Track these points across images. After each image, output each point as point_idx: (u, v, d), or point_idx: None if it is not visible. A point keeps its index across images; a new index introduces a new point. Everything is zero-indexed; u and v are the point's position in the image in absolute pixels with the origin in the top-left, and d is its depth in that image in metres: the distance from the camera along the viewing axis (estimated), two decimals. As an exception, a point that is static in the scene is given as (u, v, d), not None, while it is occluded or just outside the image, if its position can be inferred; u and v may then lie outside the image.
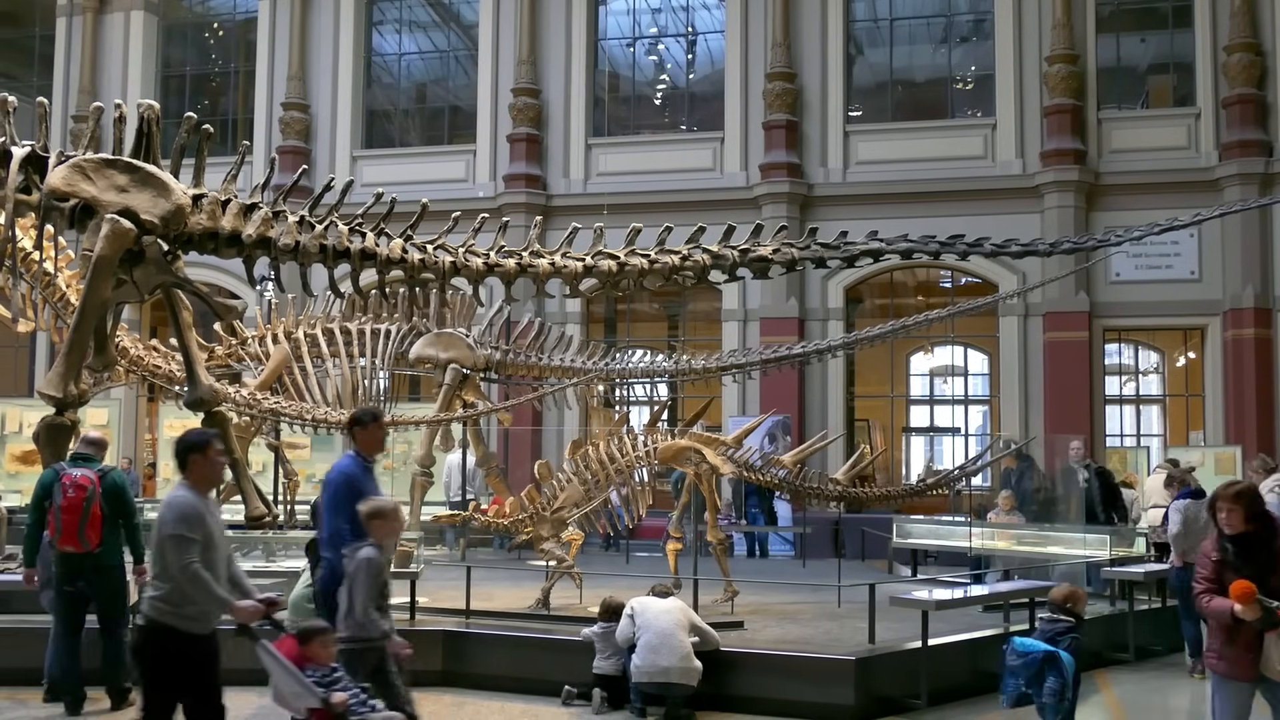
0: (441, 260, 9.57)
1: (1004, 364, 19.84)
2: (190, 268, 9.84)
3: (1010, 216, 18.63)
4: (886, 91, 21.65)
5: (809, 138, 20.66)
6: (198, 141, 9.37)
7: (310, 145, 22.38)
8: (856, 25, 21.48)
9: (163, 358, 13.24)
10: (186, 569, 5.42)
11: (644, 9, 22.70)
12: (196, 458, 5.67)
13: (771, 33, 20.72)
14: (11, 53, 25.72)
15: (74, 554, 7.94)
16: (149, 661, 5.54)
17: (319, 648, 5.80)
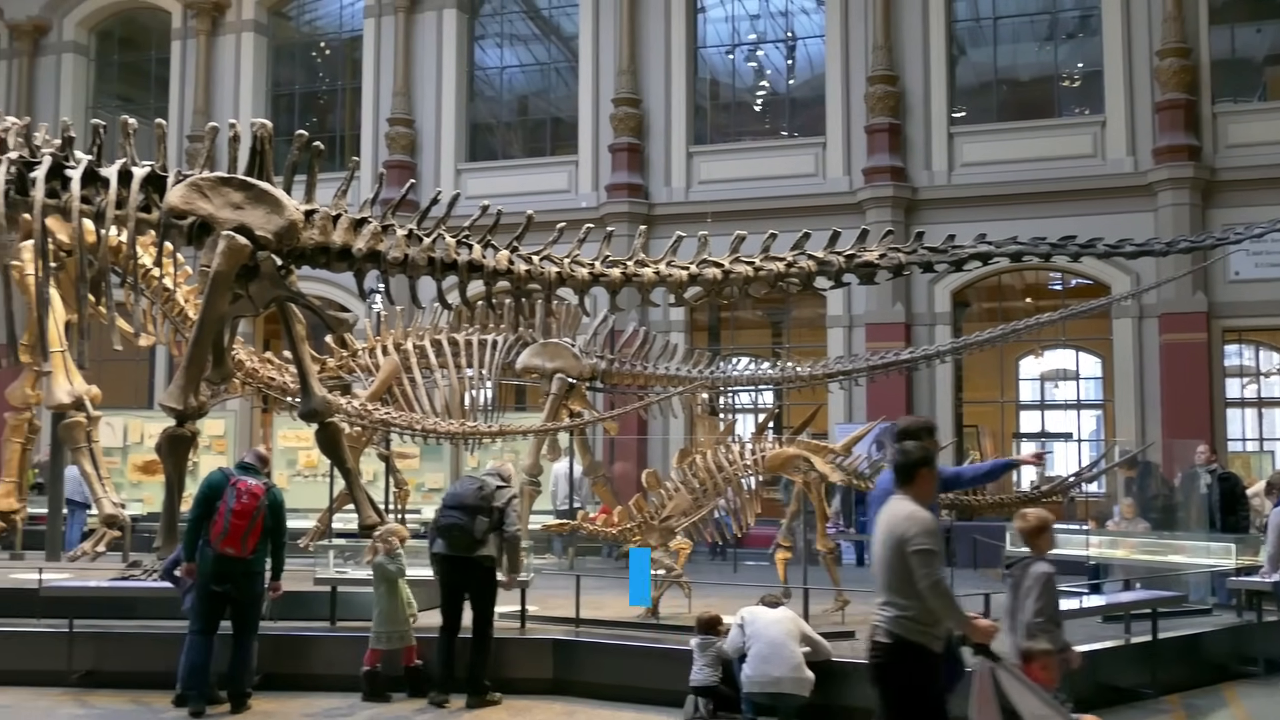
0: (547, 271, 9.63)
1: (1118, 367, 19.38)
2: (301, 281, 10.02)
3: (1122, 216, 18.19)
4: (991, 91, 21.31)
5: (912, 140, 20.42)
6: (309, 158, 9.56)
7: (415, 159, 22.70)
8: (959, 25, 21.18)
9: (276, 370, 13.52)
10: (936, 584, 5.33)
11: (742, 16, 22.65)
12: (924, 472, 5.70)
13: (872, 35, 20.53)
14: (130, 76, 26.51)
15: (232, 557, 8.18)
16: (901, 681, 5.47)
17: (1039, 670, 5.73)
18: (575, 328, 14.43)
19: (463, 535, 8.66)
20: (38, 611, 9.48)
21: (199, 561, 8.27)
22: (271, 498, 8.38)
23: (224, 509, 8.21)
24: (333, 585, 9.73)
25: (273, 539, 8.42)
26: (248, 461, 8.65)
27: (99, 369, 12.19)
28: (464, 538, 8.66)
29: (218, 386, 11.39)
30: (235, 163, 9.58)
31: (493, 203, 9.72)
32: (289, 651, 9.27)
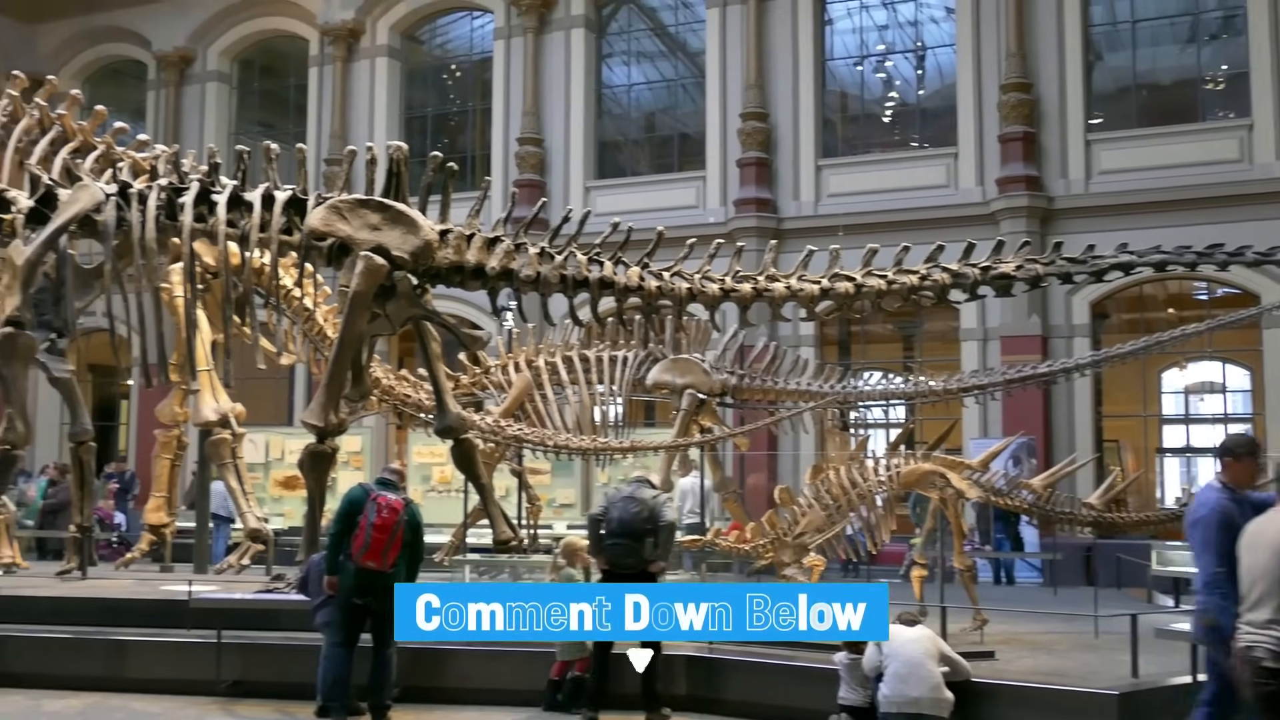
0: (678, 287, 9.64)
1: (1269, 379, 18.66)
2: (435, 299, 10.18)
3: (1273, 222, 17.51)
4: (1130, 96, 20.76)
5: (1048, 149, 19.99)
6: (443, 179, 9.72)
7: (545, 178, 22.96)
8: (1095, 29, 20.68)
9: (412, 387, 13.76)
10: None
11: (870, 27, 22.45)
12: None
13: (1005, 43, 20.16)
14: (269, 103, 27.36)
15: (374, 570, 8.31)
16: None
17: None
18: (705, 343, 14.41)
19: (636, 560, 8.71)
20: (187, 622, 9.80)
21: (340, 575, 8.44)
22: (410, 513, 8.52)
23: (365, 523, 8.37)
24: (468, 600, 9.83)
25: (411, 553, 8.55)
26: (386, 477, 8.81)
27: (242, 387, 12.56)
28: (635, 561, 8.71)
29: (356, 404, 11.63)
30: (372, 185, 9.78)
31: (621, 219, 9.77)
32: (427, 664, 9.40)
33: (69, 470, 13.77)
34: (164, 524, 14.02)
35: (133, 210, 9.93)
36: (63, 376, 12.48)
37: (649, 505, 8.79)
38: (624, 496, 8.89)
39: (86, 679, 9.67)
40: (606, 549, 8.82)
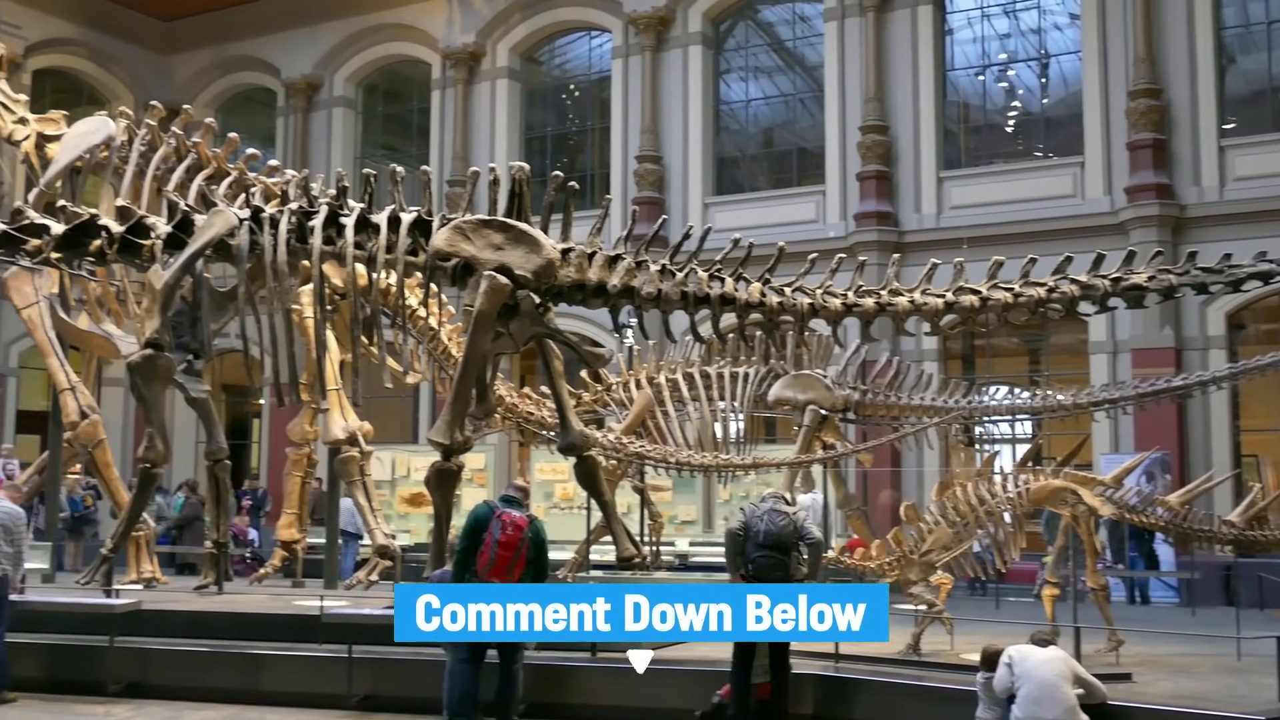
0: (800, 302, 9.59)
1: None
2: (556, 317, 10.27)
3: None
4: (1265, 100, 20.07)
5: (1179, 155, 19.42)
6: (564, 198, 9.81)
7: (664, 195, 23.02)
8: (1227, 32, 20.06)
9: (534, 404, 13.91)
10: None
11: (992, 36, 22.09)
12: None
13: (1133, 48, 19.67)
14: (393, 126, 27.92)
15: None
16: None
17: None
18: (827, 359, 14.31)
19: (783, 575, 8.64)
20: (319, 637, 10.01)
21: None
22: (534, 529, 8.57)
23: (490, 540, 8.44)
24: (593, 616, 9.87)
25: (535, 570, 8.60)
26: (511, 494, 8.89)
27: (370, 406, 12.81)
28: (783, 576, 8.64)
29: (481, 422, 11.78)
30: (495, 205, 9.91)
31: (740, 235, 9.76)
32: (552, 681, 9.47)
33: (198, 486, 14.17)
34: (295, 540, 14.35)
35: (265, 234, 10.20)
36: (199, 396, 12.86)
37: (793, 519, 8.74)
38: (768, 510, 8.82)
39: (223, 691, 9.93)
40: (754, 561, 8.75)
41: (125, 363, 12.11)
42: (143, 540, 13.55)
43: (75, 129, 13.88)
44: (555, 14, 24.93)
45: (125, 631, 10.40)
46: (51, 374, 13.77)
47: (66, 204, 11.11)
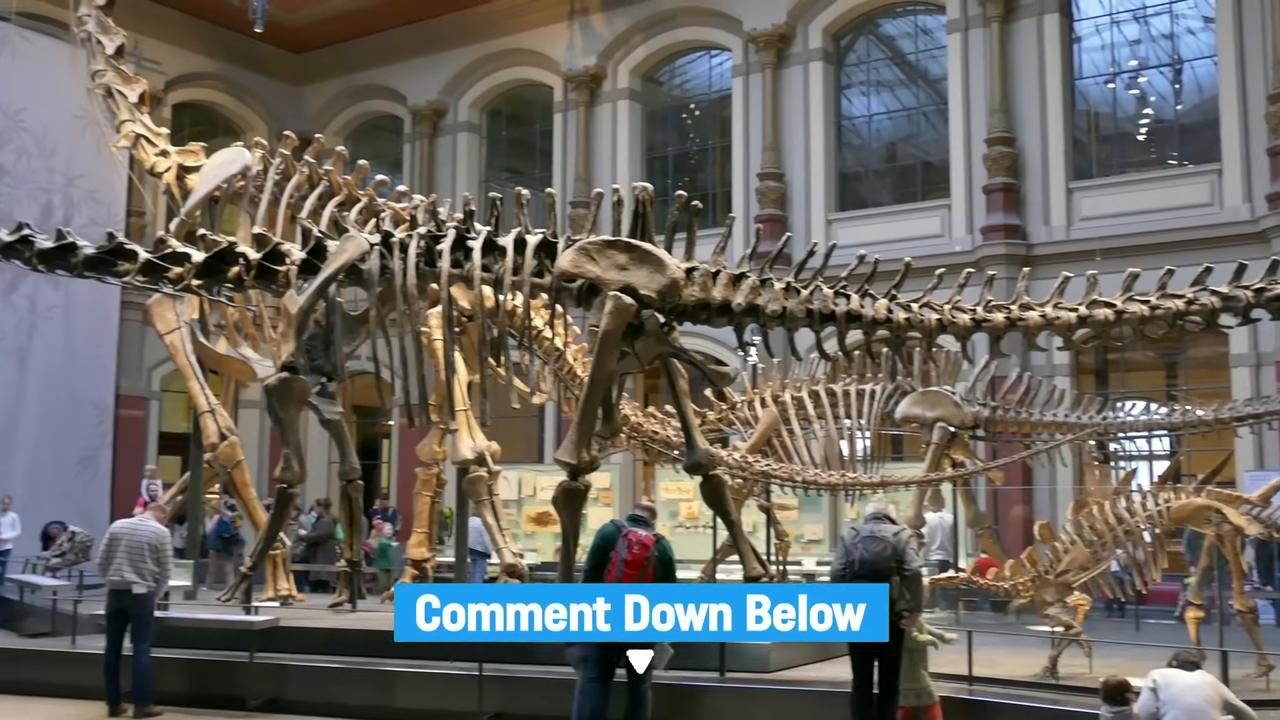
0: (927, 318, 9.46)
1: None
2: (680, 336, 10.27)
3: None
4: None
5: (1325, 161, 18.71)
6: (687, 217, 9.83)
7: (786, 212, 22.91)
8: (1374, 32, 19.29)
9: (659, 423, 13.94)
10: None
11: (1122, 42, 21.56)
12: None
13: (1271, 50, 19.01)
14: (516, 150, 28.30)
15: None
16: None
17: None
18: (955, 375, 14.10)
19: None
20: (451, 654, 10.12)
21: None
22: (661, 549, 8.55)
23: (616, 559, 8.43)
24: (721, 636, 9.83)
25: None
26: (638, 514, 8.89)
27: (497, 426, 12.94)
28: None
29: (607, 441, 11.82)
30: (619, 226, 9.97)
31: (864, 251, 9.68)
32: (681, 701, 9.44)
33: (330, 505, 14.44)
34: (425, 559, 14.56)
35: (395, 258, 10.42)
36: (333, 418, 13.16)
37: (891, 543, 8.53)
38: (864, 536, 8.63)
39: (358, 707, 10.12)
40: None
41: (262, 385, 12.44)
42: (279, 559, 13.89)
43: (213, 160, 14.37)
44: (675, 34, 25.04)
45: (264, 647, 10.67)
46: (192, 397, 14.25)
47: (206, 232, 11.50)
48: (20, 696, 10.72)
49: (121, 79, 15.34)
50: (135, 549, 10.33)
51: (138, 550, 10.32)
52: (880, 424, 14.12)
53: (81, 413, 23.66)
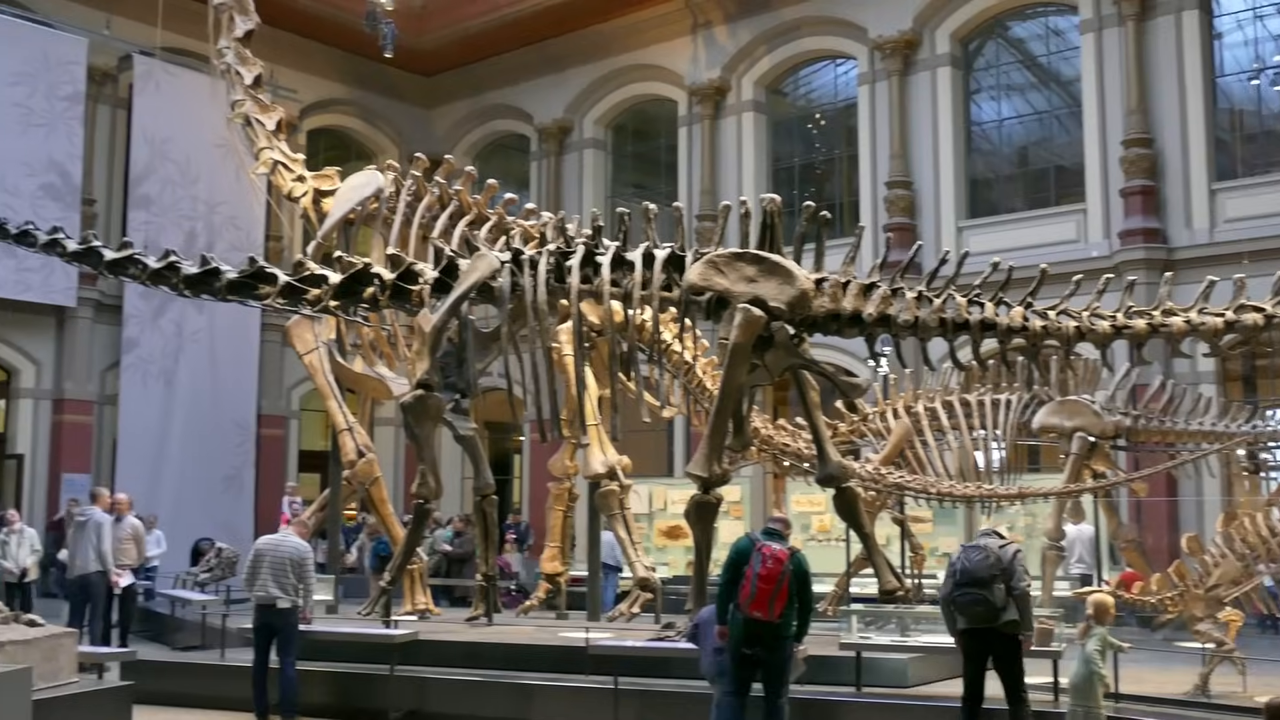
0: (1065, 326, 9.25)
1: None
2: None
3: None
4: None
5: None
6: (816, 228, 9.77)
7: (915, 220, 22.59)
8: None
9: (790, 436, 13.86)
10: None
11: (1265, 37, 20.82)
12: None
13: None
14: (642, 165, 28.44)
15: (760, 620, 8.26)
16: None
17: None
18: (1094, 384, 13.74)
19: (985, 609, 8.34)
20: (586, 668, 10.18)
21: (730, 624, 8.50)
22: (796, 563, 8.46)
23: (750, 573, 8.36)
24: (857, 651, 9.72)
25: (799, 603, 8.50)
26: (772, 527, 8.82)
27: (627, 440, 12.99)
28: (986, 611, 8.34)
29: (738, 454, 11.79)
30: (747, 238, 9.94)
31: (998, 258, 9.49)
32: (817, 716, 9.34)
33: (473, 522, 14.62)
34: (558, 573, 14.68)
35: (525, 275, 10.55)
36: (467, 434, 13.34)
37: (995, 553, 8.36)
38: (968, 547, 8.56)
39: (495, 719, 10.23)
40: (954, 601, 8.43)
41: (398, 403, 12.69)
42: (416, 573, 14.11)
43: (347, 183, 14.72)
44: (799, 44, 24.91)
45: (404, 661, 10.85)
46: (330, 415, 14.57)
47: (342, 254, 11.78)
48: (173, 707, 11.04)
49: (259, 108, 15.81)
50: (278, 565, 10.58)
51: (281, 566, 10.58)
52: (1016, 434, 13.82)
53: (225, 432, 24.43)
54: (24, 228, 13.36)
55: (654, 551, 18.71)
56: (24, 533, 15.37)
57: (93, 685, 8.70)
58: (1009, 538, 8.69)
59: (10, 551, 15.08)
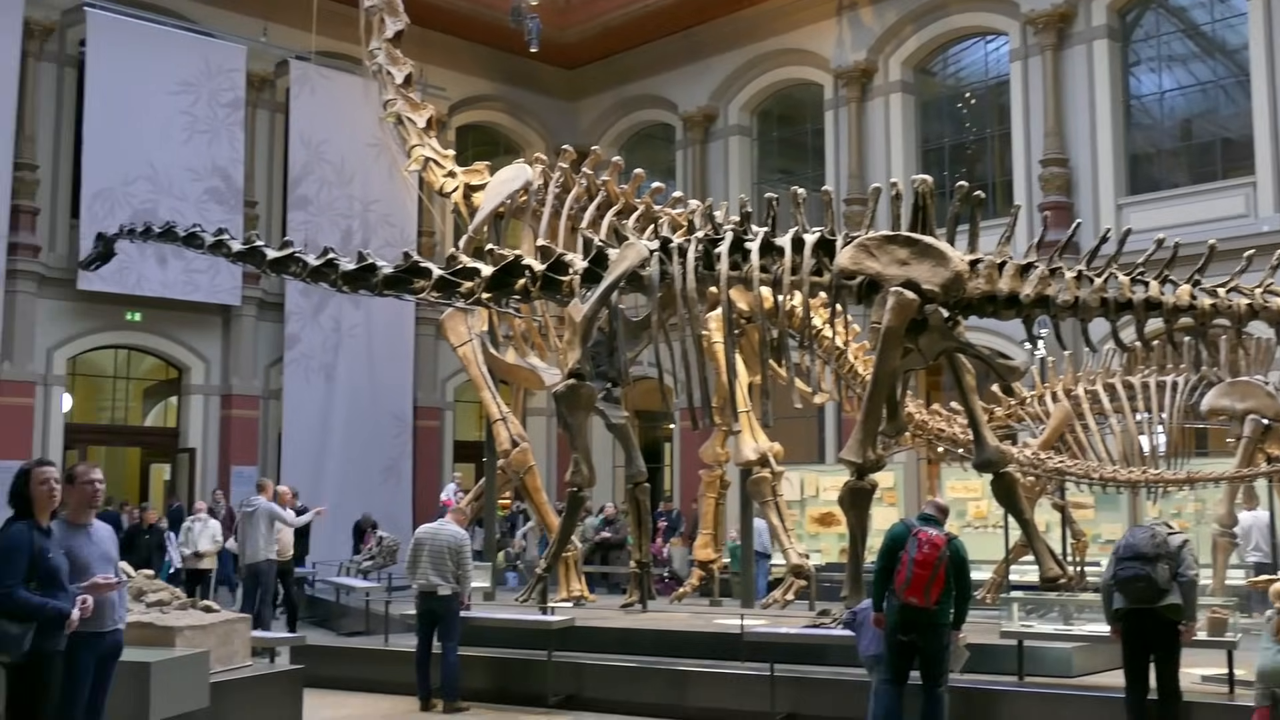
0: (1236, 303, 8.89)
1: None
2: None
3: None
4: None
5: None
6: (969, 208, 9.57)
7: (1071, 198, 21.94)
8: None
9: (944, 421, 13.62)
10: None
11: None
12: None
13: None
14: (788, 150, 28.23)
15: (915, 607, 8.16)
16: None
17: None
18: (1268, 364, 13.15)
19: (1146, 586, 8.07)
20: (741, 655, 10.17)
21: (886, 611, 8.40)
22: (953, 549, 8.31)
23: (906, 559, 8.24)
24: (1019, 639, 9.50)
25: (956, 590, 8.35)
26: (929, 513, 8.68)
27: (777, 427, 12.92)
28: (1147, 589, 8.07)
29: (891, 440, 11.63)
30: (897, 220, 9.79)
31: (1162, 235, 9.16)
32: (978, 705, 9.17)
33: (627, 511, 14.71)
34: (711, 560, 14.70)
35: (674, 263, 10.57)
36: (619, 422, 13.43)
37: (1160, 534, 8.13)
38: (1134, 528, 8.41)
39: (652, 706, 10.28)
40: (1117, 578, 8.15)
41: (551, 393, 12.85)
42: (571, 560, 14.28)
43: (497, 177, 14.96)
44: (948, 22, 24.40)
45: (561, 646, 10.99)
46: (485, 406, 14.84)
47: (493, 247, 11.98)
48: (339, 691, 11.38)
49: (410, 106, 16.17)
50: (437, 553, 10.81)
51: (439, 554, 10.80)
52: (1183, 417, 13.32)
53: (383, 424, 25.08)
54: (191, 230, 13.96)
55: (806, 538, 18.57)
56: (208, 523, 16.00)
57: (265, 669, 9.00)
58: (1178, 527, 8.42)
59: (192, 539, 15.71)
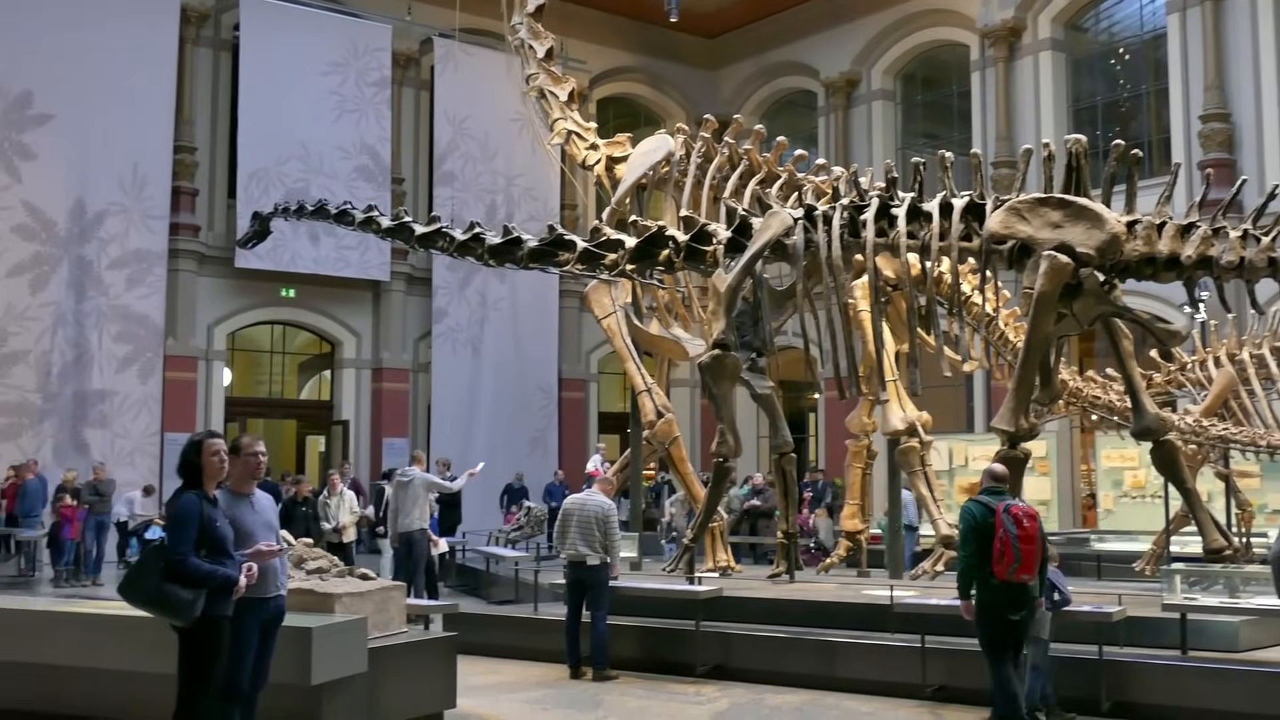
0: None
1: None
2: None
3: None
4: None
5: None
6: (1126, 168, 9.25)
7: (1234, 155, 21.03)
8: None
9: (1100, 388, 13.26)
10: None
11: None
12: None
13: None
14: (933, 113, 27.65)
15: (1025, 584, 7.88)
16: None
17: None
18: None
19: None
20: (891, 626, 10.06)
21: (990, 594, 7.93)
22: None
23: (1009, 538, 7.72)
24: (1182, 613, 9.20)
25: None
26: (995, 486, 8.16)
27: (925, 395, 12.70)
28: None
29: (1044, 408, 11.36)
30: (1050, 182, 9.51)
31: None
32: (1138, 679, 8.92)
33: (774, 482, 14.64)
34: (859, 530, 14.57)
35: (818, 231, 10.46)
36: (764, 392, 13.38)
37: None
38: None
39: (800, 676, 10.23)
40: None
41: (696, 363, 12.84)
42: (717, 530, 14.28)
43: (639, 149, 14.96)
44: (1102, -25, 23.60)
45: (708, 617, 11.01)
46: (629, 377, 14.91)
47: (636, 219, 11.99)
48: (491, 658, 11.58)
49: (552, 80, 16.27)
50: (584, 523, 10.91)
51: (587, 524, 10.90)
52: (1359, 382, 12.74)
53: (529, 396, 25.47)
54: (342, 208, 14.30)
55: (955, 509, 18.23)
56: (344, 495, 16.40)
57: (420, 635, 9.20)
58: None
59: (330, 513, 16.13)
